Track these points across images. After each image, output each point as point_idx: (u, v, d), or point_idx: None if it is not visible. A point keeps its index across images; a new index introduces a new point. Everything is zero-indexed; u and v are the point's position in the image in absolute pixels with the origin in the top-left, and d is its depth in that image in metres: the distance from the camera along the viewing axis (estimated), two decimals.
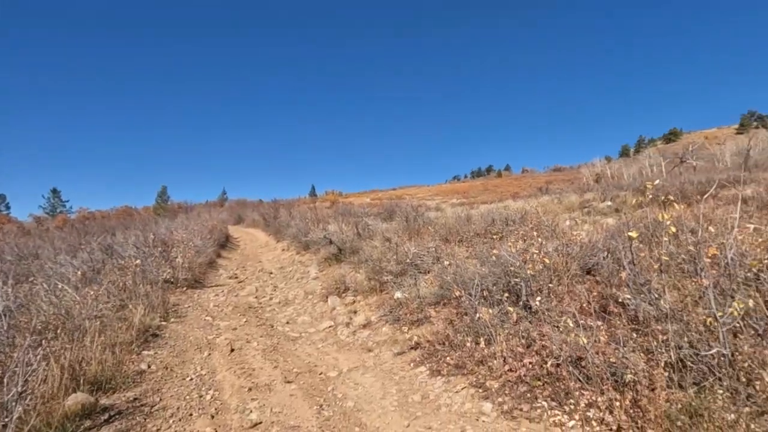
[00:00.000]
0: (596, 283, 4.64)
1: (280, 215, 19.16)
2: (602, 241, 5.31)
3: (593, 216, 12.43)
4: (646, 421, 2.40)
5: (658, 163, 45.67)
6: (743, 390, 2.39)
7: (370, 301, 6.28)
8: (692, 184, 14.52)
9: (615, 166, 56.47)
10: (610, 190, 18.54)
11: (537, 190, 35.20)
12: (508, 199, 28.64)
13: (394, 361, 4.24)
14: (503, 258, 4.51)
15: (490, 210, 12.63)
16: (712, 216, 5.89)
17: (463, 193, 48.65)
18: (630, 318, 3.57)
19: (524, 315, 3.95)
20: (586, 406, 2.71)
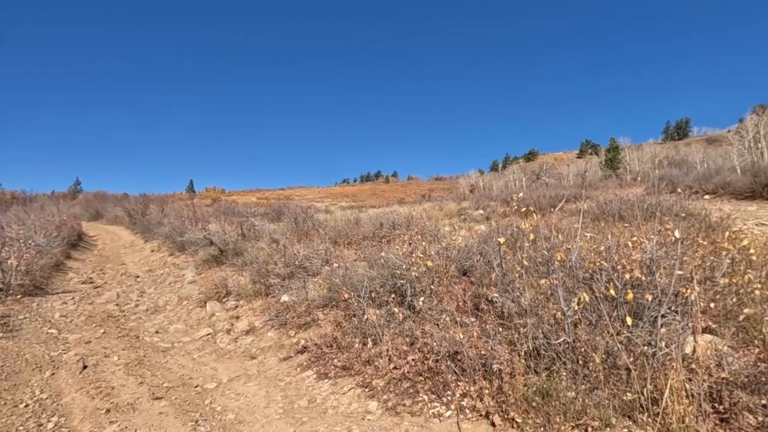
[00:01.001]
0: (471, 284, 5.12)
1: (150, 212, 17.11)
2: (476, 245, 5.90)
3: (468, 222, 13.74)
4: (508, 405, 2.72)
5: (520, 178, 52.58)
6: (581, 371, 2.87)
7: (255, 305, 5.98)
8: (545, 197, 17.02)
9: (486, 178, 63.19)
10: (482, 200, 20.68)
11: (421, 197, 37.59)
12: (394, 204, 30.00)
13: (280, 366, 4.10)
14: (390, 260, 4.70)
15: (379, 214, 13.06)
16: (560, 225, 6.98)
17: (352, 196, 49.44)
18: (498, 314, 4.01)
19: (409, 315, 4.17)
20: (461, 396, 2.97)
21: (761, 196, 17.39)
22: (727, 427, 2.33)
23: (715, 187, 21.49)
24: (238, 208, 19.28)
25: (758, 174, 19.34)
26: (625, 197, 10.47)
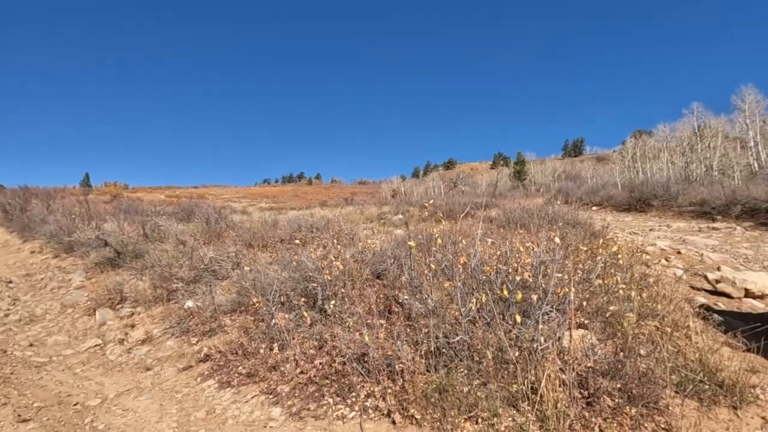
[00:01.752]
0: (384, 287, 5.25)
1: (33, 207, 14.93)
2: (390, 249, 6.06)
3: (387, 227, 14.05)
4: (409, 403, 2.84)
5: (439, 185, 55.07)
6: (475, 367, 3.09)
7: (155, 312, 5.51)
8: (460, 205, 18.03)
9: (408, 184, 65.15)
10: (402, 205, 21.26)
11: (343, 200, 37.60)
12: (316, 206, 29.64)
13: (179, 377, 3.82)
14: (304, 263, 4.64)
15: (298, 216, 12.81)
16: (469, 231, 7.45)
17: (272, 197, 47.88)
18: (406, 315, 4.17)
19: (319, 318, 4.15)
20: (365, 396, 3.03)
21: (635, 209, 20.20)
22: (591, 409, 2.67)
23: (601, 200, 24.52)
24: (142, 206, 17.63)
25: (633, 190, 22.45)
26: (527, 207, 11.48)
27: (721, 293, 5.55)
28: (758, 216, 13.16)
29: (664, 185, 20.36)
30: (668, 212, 17.94)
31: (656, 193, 19.55)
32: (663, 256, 8.04)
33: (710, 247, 9.45)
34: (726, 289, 5.51)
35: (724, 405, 2.79)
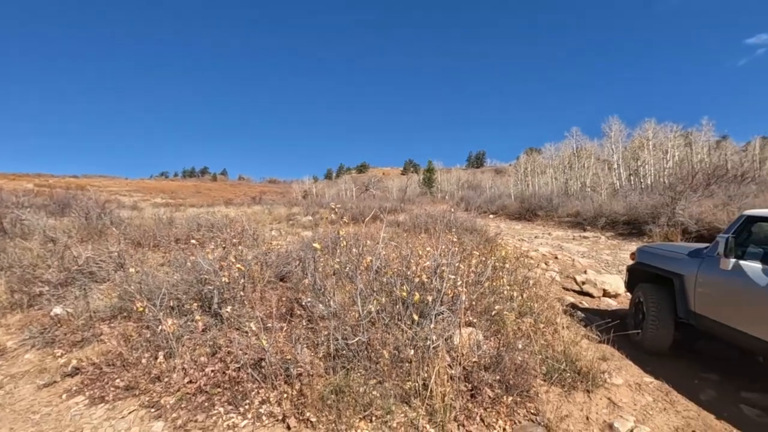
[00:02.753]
0: (288, 289, 5.13)
1: None
2: (296, 251, 5.95)
3: (296, 228, 13.76)
4: (306, 406, 2.81)
5: (351, 188, 55.48)
6: (373, 367, 3.18)
7: (11, 321, 4.70)
8: (370, 208, 18.35)
9: (320, 185, 64.51)
10: (313, 207, 20.99)
11: (251, 199, 35.91)
12: (220, 205, 27.86)
13: (38, 395, 3.30)
14: (199, 265, 4.34)
15: (199, 214, 11.93)
16: (376, 234, 7.63)
17: (170, 192, 43.83)
18: (308, 318, 4.12)
19: (214, 323, 3.91)
20: (259, 403, 2.93)
21: (525, 218, 22.48)
22: (474, 400, 2.91)
23: (497, 209, 26.87)
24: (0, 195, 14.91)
25: (524, 201, 24.98)
26: (431, 213, 12.11)
27: (586, 293, 6.44)
28: (617, 227, 15.52)
29: (548, 198, 23.03)
30: (551, 222, 20.30)
31: (542, 205, 22.02)
32: (543, 261, 9.07)
33: (581, 253, 10.89)
34: (589, 289, 6.41)
35: (580, 389, 3.24)
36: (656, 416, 3.06)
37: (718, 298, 3.58)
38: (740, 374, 3.86)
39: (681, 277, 3.92)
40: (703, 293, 3.71)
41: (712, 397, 3.43)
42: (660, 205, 13.78)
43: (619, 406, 3.11)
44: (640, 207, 15.03)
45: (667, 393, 3.42)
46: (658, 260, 4.33)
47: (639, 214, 14.69)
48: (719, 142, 45.10)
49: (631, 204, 16.14)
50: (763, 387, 3.62)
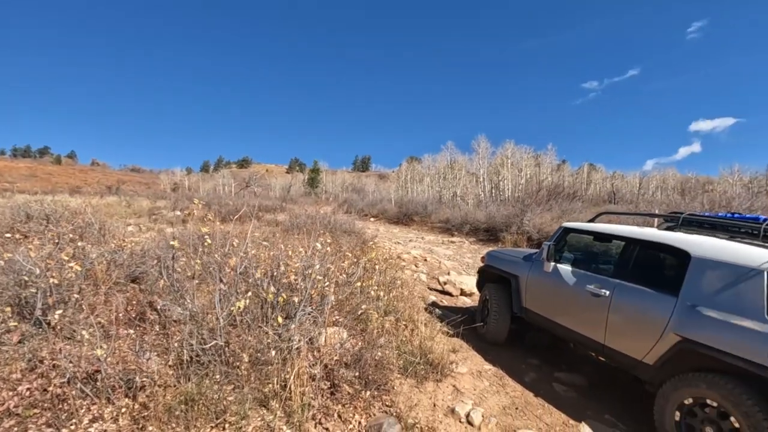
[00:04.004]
0: (140, 291, 4.59)
1: None
2: (154, 249, 5.36)
3: (160, 224, 12.38)
4: (148, 419, 2.56)
5: (230, 183, 52.02)
6: (233, 372, 3.04)
7: None
8: (250, 206, 17.47)
9: (195, 178, 59.11)
10: (182, 201, 19.11)
11: (106, 188, 31.20)
12: (64, 192, 23.63)
13: None
14: (18, 263, 3.63)
15: (29, 202, 9.95)
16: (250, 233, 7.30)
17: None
18: (162, 323, 3.75)
19: (36, 332, 3.30)
20: (89, 422, 2.56)
21: (402, 222, 23.80)
22: (334, 398, 2.99)
23: (378, 213, 27.97)
24: None
25: (402, 206, 26.46)
26: (313, 213, 12.06)
27: (447, 292, 7.11)
28: (479, 233, 17.47)
29: (424, 204, 24.80)
30: (425, 227, 21.88)
31: (418, 211, 23.63)
32: (414, 263, 9.73)
33: (447, 256, 11.96)
34: (450, 289, 7.09)
35: (431, 380, 3.57)
36: (490, 398, 3.53)
37: (541, 295, 4.30)
38: (556, 358, 4.68)
39: (517, 277, 4.61)
40: (531, 291, 4.42)
41: (534, 379, 4.10)
42: (512, 216, 15.94)
43: (462, 392, 3.51)
44: (497, 216, 17.16)
45: (501, 378, 3.98)
46: (501, 263, 5.02)
47: (496, 222, 16.75)
48: (560, 165, 54.09)
49: (490, 214, 18.32)
50: (570, 368, 4.46)
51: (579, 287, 3.83)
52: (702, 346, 2.86)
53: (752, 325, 2.65)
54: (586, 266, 4.01)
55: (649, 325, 3.20)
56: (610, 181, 55.32)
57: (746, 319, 2.69)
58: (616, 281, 3.56)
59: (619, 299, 3.47)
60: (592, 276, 3.81)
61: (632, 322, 3.35)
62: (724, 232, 3.30)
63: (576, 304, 3.85)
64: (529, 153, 46.06)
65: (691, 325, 2.95)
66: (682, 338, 2.97)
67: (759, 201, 14.53)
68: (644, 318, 3.25)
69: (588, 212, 17.77)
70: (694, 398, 2.86)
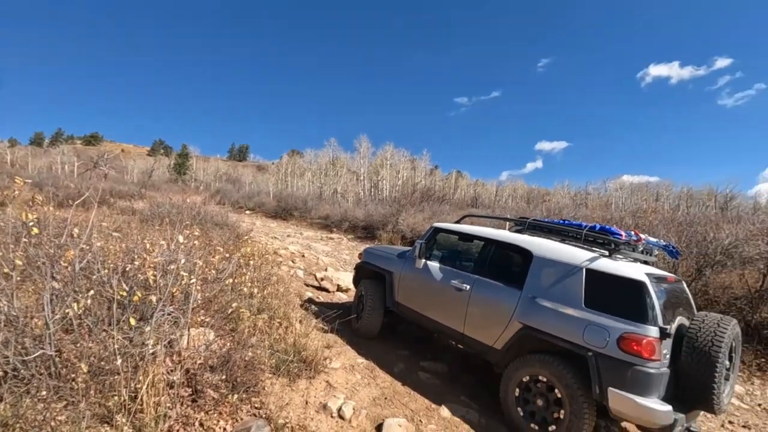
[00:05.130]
0: None
1: None
2: None
3: None
4: None
5: (72, 161, 43.81)
6: (64, 386, 2.55)
7: None
8: (98, 190, 14.96)
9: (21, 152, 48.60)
10: (2, 179, 15.53)
11: None
12: None
13: None
14: None
15: None
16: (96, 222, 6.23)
17: None
18: None
19: None
20: None
21: (281, 217, 23.07)
22: (196, 405, 2.73)
23: (255, 206, 26.60)
24: None
25: (281, 200, 25.64)
26: (179, 203, 10.89)
27: (323, 288, 7.11)
28: (357, 231, 17.90)
29: (304, 200, 24.42)
30: (304, 222, 21.56)
31: (297, 206, 23.15)
32: (291, 259, 9.50)
33: (325, 253, 11.98)
34: (326, 285, 7.11)
35: (304, 377, 3.53)
36: (361, 391, 3.64)
37: (412, 290, 4.59)
38: (423, 348, 5.05)
39: (391, 273, 4.84)
40: (403, 287, 4.69)
41: (402, 369, 4.36)
42: (389, 215, 16.71)
43: (335, 387, 3.54)
44: (375, 215, 17.81)
45: (372, 370, 4.13)
46: (377, 260, 5.21)
47: (374, 220, 17.37)
48: (432, 170, 58.64)
49: (369, 212, 18.93)
50: (434, 357, 4.85)
51: (445, 282, 4.20)
52: (537, 331, 3.38)
53: (573, 312, 3.24)
54: (451, 263, 4.42)
55: (499, 315, 3.67)
56: (473, 188, 62.03)
57: (569, 308, 3.27)
58: (476, 277, 3.99)
59: (476, 293, 3.90)
60: (456, 272, 4.20)
61: (486, 313, 3.80)
62: (557, 235, 3.95)
63: (442, 297, 4.21)
64: (407, 156, 48.97)
65: (530, 313, 3.47)
66: (523, 325, 3.48)
67: (580, 211, 17.86)
68: (495, 309, 3.72)
69: (455, 214, 19.62)
70: (530, 376, 3.37)
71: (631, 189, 48.38)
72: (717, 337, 2.95)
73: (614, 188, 47.90)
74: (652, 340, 2.88)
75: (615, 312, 3.07)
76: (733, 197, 37.27)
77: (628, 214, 14.36)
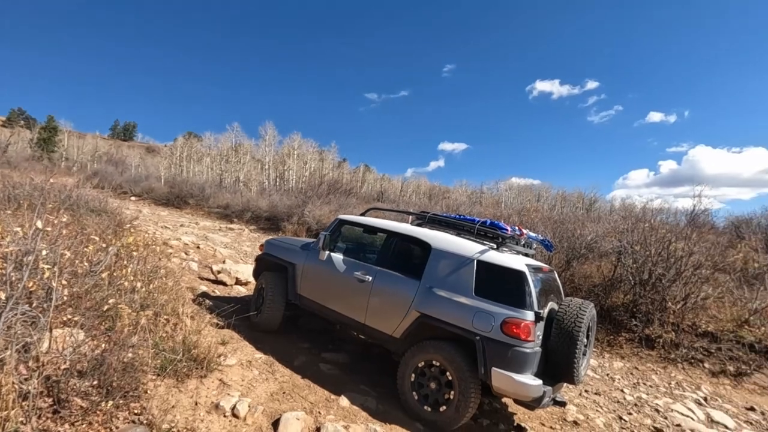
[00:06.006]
0: None
1: None
2: None
3: None
4: None
5: None
6: None
7: None
8: None
9: None
10: None
11: None
12: None
13: None
14: None
15: None
16: None
17: None
18: None
19: None
20: None
21: (173, 205, 21.09)
22: (59, 417, 2.37)
23: (142, 191, 23.90)
24: None
25: (174, 186, 23.43)
26: (39, 184, 9.29)
27: (220, 282, 6.69)
28: (260, 222, 17.16)
29: (201, 187, 22.62)
30: (200, 211, 20.00)
31: (194, 193, 21.36)
32: (185, 250, 8.76)
33: (224, 244, 11.28)
34: (224, 278, 6.70)
35: (194, 377, 3.28)
36: (258, 387, 3.51)
37: (315, 282, 4.54)
38: (325, 340, 5.04)
39: (294, 265, 4.73)
40: (306, 279, 4.61)
41: (303, 362, 4.30)
42: (294, 206, 16.31)
43: (229, 385, 3.36)
44: (280, 206, 17.25)
45: (271, 365, 4.00)
46: (279, 251, 5.05)
47: (278, 211, 16.81)
48: (340, 163, 58.54)
49: (273, 202, 18.25)
50: (335, 348, 4.88)
51: (348, 274, 4.23)
52: (433, 319, 3.59)
53: (465, 301, 3.50)
54: (355, 255, 4.46)
55: (399, 305, 3.81)
56: (380, 182, 63.44)
57: (462, 296, 3.53)
58: (378, 268, 4.09)
59: (378, 284, 4.00)
60: (359, 264, 4.26)
61: (387, 303, 3.93)
62: (453, 229, 4.23)
63: (344, 289, 4.24)
64: (315, 147, 48.15)
65: (427, 302, 3.67)
66: (420, 314, 3.66)
67: (475, 208, 19.40)
68: (396, 299, 3.86)
69: (361, 207, 19.88)
70: (425, 361, 3.57)
71: (518, 190, 53.87)
72: (578, 319, 3.43)
73: (504, 188, 52.85)
74: (528, 323, 3.25)
75: (499, 299, 3.39)
76: (596, 200, 43.82)
77: (515, 212, 15.99)
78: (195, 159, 47.29)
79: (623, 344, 7.39)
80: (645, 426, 4.56)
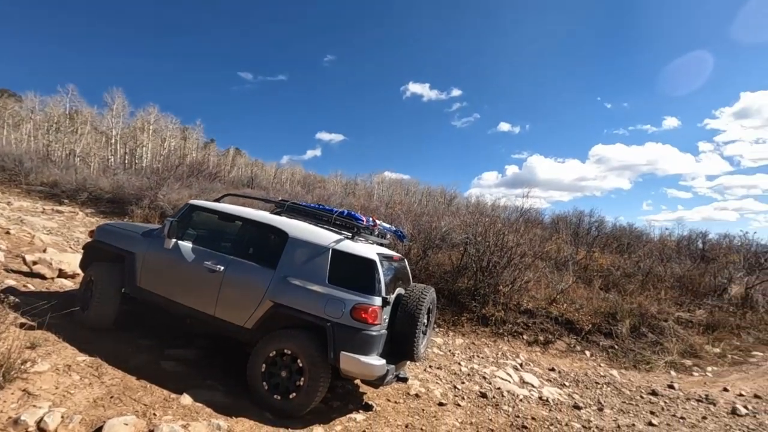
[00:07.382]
0: None
1: None
2: None
3: None
4: None
5: None
6: None
7: None
8: None
9: None
10: None
11: None
12: None
13: None
14: None
15: None
16: None
17: None
18: None
19: None
20: None
21: None
22: None
23: None
24: None
25: None
26: None
27: (37, 274, 5.59)
28: (100, 204, 14.76)
29: (19, 159, 18.37)
30: (17, 189, 16.29)
31: (6, 166, 17.23)
32: None
33: (47, 229, 9.43)
34: (42, 270, 5.61)
35: None
36: (78, 394, 3.05)
37: (159, 273, 4.12)
38: (171, 336, 4.62)
39: (132, 254, 4.20)
40: (149, 269, 4.15)
41: (142, 361, 3.88)
42: (146, 188, 14.42)
43: (36, 395, 2.85)
44: (128, 187, 15.07)
45: (97, 368, 3.51)
46: (115, 238, 4.43)
47: (125, 194, 14.67)
48: (207, 144, 53.60)
49: (119, 182, 15.86)
50: (185, 344, 4.52)
51: (197, 264, 3.94)
52: (287, 308, 3.59)
53: (318, 289, 3.58)
54: (207, 244, 4.17)
55: (251, 295, 3.71)
56: (251, 168, 60.01)
57: (316, 285, 3.60)
58: (231, 257, 3.91)
59: (231, 274, 3.82)
60: (211, 253, 4.00)
61: (239, 294, 3.79)
62: (312, 218, 4.27)
63: (193, 280, 3.94)
64: (176, 124, 43.14)
65: (281, 291, 3.65)
66: (274, 303, 3.63)
67: (347, 199, 19.81)
68: (249, 289, 3.74)
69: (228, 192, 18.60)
70: (277, 350, 3.55)
71: (390, 183, 56.70)
72: (420, 302, 3.81)
73: (377, 182, 55.07)
74: (376, 308, 3.48)
75: (351, 286, 3.56)
76: (456, 196, 48.75)
77: (384, 205, 16.84)
78: (11, 124, 38.03)
79: (465, 323, 8.45)
80: (473, 392, 5.31)
